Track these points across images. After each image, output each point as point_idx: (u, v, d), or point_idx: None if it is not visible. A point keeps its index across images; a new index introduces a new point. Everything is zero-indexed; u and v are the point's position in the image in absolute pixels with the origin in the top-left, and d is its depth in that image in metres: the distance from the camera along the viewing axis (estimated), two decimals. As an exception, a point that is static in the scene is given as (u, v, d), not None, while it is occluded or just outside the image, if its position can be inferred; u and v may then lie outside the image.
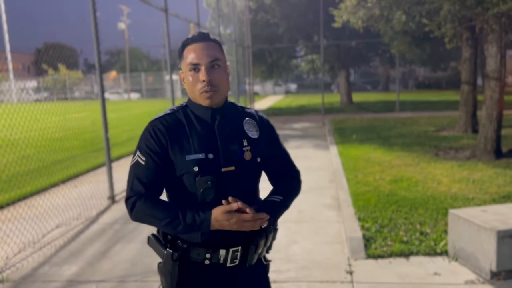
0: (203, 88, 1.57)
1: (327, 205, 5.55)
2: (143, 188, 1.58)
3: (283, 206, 1.70)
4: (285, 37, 20.57)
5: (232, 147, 1.60)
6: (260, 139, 1.68)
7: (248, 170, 1.63)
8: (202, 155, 1.57)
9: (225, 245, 1.60)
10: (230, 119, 1.66)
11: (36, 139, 10.88)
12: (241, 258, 1.63)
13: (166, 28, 8.48)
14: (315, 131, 13.21)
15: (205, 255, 1.60)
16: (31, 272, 3.92)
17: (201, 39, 1.60)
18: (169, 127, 1.61)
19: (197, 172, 1.55)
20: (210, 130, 1.62)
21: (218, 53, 1.60)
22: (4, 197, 6.23)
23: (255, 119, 1.73)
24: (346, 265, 3.79)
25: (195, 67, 1.57)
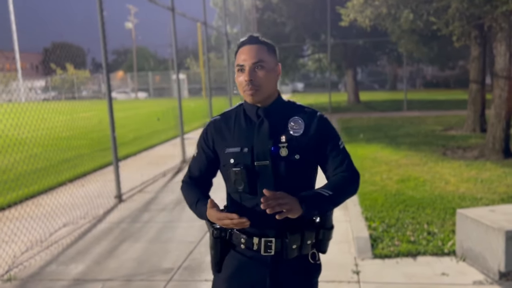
0: (246, 87, 1.69)
1: (334, 205, 5.53)
2: (189, 175, 1.89)
3: (330, 202, 1.67)
4: (292, 36, 20.53)
5: (266, 143, 1.69)
6: (303, 137, 1.71)
7: (284, 166, 1.68)
8: (238, 148, 1.72)
9: (259, 234, 1.70)
10: (275, 117, 1.74)
11: (44, 138, 10.94)
12: (278, 250, 1.69)
13: (173, 27, 8.49)
14: (322, 130, 13.15)
15: (241, 239, 1.73)
16: (38, 271, 3.94)
17: (248, 42, 1.72)
18: (217, 125, 1.82)
19: (232, 164, 1.71)
20: (252, 127, 1.74)
21: (265, 55, 1.70)
22: (12, 196, 6.27)
23: (304, 117, 1.74)
24: (353, 265, 3.78)
25: (241, 68, 1.70)
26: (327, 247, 1.79)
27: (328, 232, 1.75)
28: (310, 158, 1.72)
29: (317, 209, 1.63)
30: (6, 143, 9.46)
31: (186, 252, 4.19)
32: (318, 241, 1.74)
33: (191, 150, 10.47)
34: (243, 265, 1.75)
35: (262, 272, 1.72)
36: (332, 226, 1.77)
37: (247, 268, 1.74)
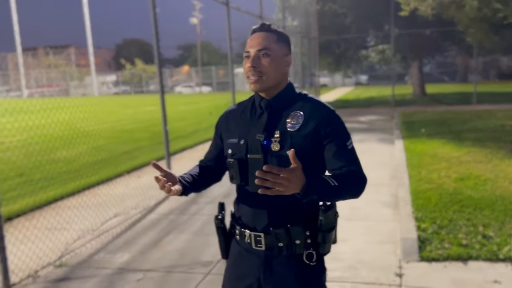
0: (248, 74, 1.67)
1: (384, 203, 5.32)
2: (202, 159, 1.95)
3: (333, 193, 1.53)
4: (353, 27, 19.99)
5: (259, 136, 1.66)
6: (298, 132, 1.63)
7: (276, 162, 1.62)
8: (236, 140, 1.73)
9: (250, 228, 1.71)
10: (276, 109, 1.70)
11: (108, 130, 11.50)
12: (268, 246, 1.68)
13: (228, 21, 8.53)
14: (382, 125, 12.74)
15: (236, 230, 1.77)
16: (87, 258, 4.12)
17: (259, 30, 1.69)
18: (228, 116, 1.85)
19: (230, 154, 1.74)
20: (253, 118, 1.73)
21: (272, 43, 1.66)
22: (72, 186, 6.62)
23: (307, 112, 1.65)
24: (396, 267, 3.60)
25: (247, 55, 1.68)
26: (327, 250, 1.68)
27: (327, 234, 1.64)
28: (305, 155, 1.57)
29: (317, 194, 1.47)
30: (74, 135, 10.04)
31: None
32: (316, 242, 1.65)
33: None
34: (240, 255, 1.77)
35: (256, 266, 1.71)
36: (332, 227, 1.65)
37: (243, 259, 1.76)
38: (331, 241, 1.68)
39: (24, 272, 3.81)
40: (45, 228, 4.81)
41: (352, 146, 1.67)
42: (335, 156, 1.63)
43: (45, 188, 6.49)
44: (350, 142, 1.67)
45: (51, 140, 9.82)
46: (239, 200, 1.77)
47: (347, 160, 1.63)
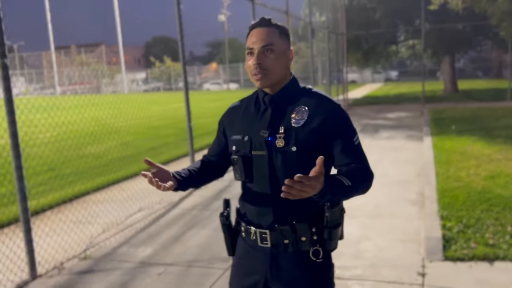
0: (253, 71, 1.64)
1: (409, 201, 5.22)
2: (207, 153, 1.93)
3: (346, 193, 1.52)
4: (383, 22, 19.63)
5: (263, 132, 1.64)
6: (303, 128, 1.60)
7: (280, 158, 1.62)
8: (240, 136, 1.71)
9: (256, 225, 1.69)
10: (280, 104, 1.67)
11: (137, 127, 11.68)
12: (274, 243, 1.66)
13: (253, 18, 8.51)
14: (411, 121, 12.50)
15: (241, 227, 1.76)
16: (111, 252, 4.20)
17: (260, 25, 1.66)
18: (231, 111, 1.83)
19: (234, 151, 1.72)
20: (257, 114, 1.71)
21: (275, 38, 1.64)
22: (100, 181, 6.76)
23: (312, 107, 1.63)
24: (419, 266, 3.52)
25: (250, 51, 1.65)
26: (333, 246, 1.66)
27: (333, 231, 1.62)
28: (310, 151, 1.58)
29: (332, 195, 1.45)
30: (103, 131, 10.26)
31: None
32: (322, 239, 1.63)
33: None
34: (247, 253, 1.75)
35: (263, 263, 1.70)
36: (338, 224, 1.63)
37: (249, 256, 1.74)
38: (338, 237, 1.66)
39: (50, 264, 3.91)
40: (70, 221, 4.93)
41: (358, 142, 1.65)
42: (342, 152, 1.61)
43: (74, 182, 6.66)
44: (357, 138, 1.65)
45: (81, 136, 10.06)
46: (244, 197, 1.75)
47: (354, 157, 1.61)
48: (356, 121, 13.32)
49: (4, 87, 3.56)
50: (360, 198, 5.90)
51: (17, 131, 3.60)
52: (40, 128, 8.97)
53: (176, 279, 3.59)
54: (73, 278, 3.68)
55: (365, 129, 11.33)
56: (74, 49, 53.81)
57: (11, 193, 5.74)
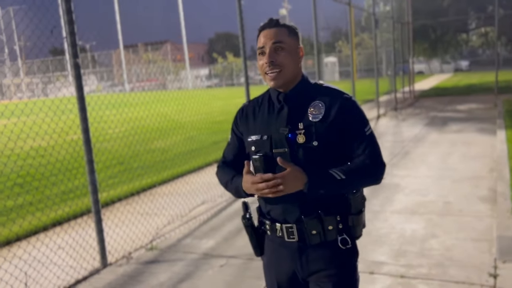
0: (266, 70, 1.67)
1: (481, 198, 4.94)
2: (223, 160, 1.91)
3: (340, 186, 1.62)
4: (451, 10, 18.69)
5: (283, 130, 1.66)
6: (322, 122, 1.65)
7: (302, 154, 1.65)
8: (259, 136, 1.72)
9: (281, 221, 1.71)
10: (296, 101, 1.70)
11: (200, 122, 11.97)
12: (300, 236, 1.69)
13: (313, 10, 8.41)
14: (482, 113, 11.81)
15: (266, 225, 1.76)
16: (175, 243, 4.34)
17: (269, 26, 1.70)
18: (246, 111, 1.83)
19: (254, 151, 1.72)
20: (273, 113, 1.73)
21: (285, 37, 1.68)
22: (165, 174, 7.00)
23: (327, 101, 1.68)
24: (491, 267, 3.33)
25: (262, 51, 1.68)
26: (358, 233, 1.72)
27: (356, 217, 1.69)
28: (331, 144, 1.65)
29: (323, 189, 1.59)
30: (169, 127, 10.61)
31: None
32: (347, 227, 1.69)
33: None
34: (275, 252, 1.77)
35: (292, 259, 1.73)
36: (360, 210, 1.70)
37: (278, 254, 1.76)
38: (362, 223, 1.72)
39: (119, 253, 4.11)
40: (138, 213, 5.15)
41: (370, 132, 1.69)
42: (353, 143, 1.67)
43: (141, 176, 6.95)
44: (369, 128, 1.69)
45: (148, 131, 10.47)
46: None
47: (364, 147, 1.67)
48: (423, 113, 12.80)
49: (76, 85, 3.77)
50: (427, 194, 5.68)
51: (88, 127, 3.81)
52: (109, 124, 9.45)
53: (237, 272, 3.64)
54: (140, 268, 3.84)
55: (432, 122, 10.87)
56: (141, 47, 55.99)
57: (83, 185, 6.10)
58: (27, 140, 4.45)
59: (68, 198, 5.85)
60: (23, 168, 6.59)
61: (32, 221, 4.85)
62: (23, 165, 6.49)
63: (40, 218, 4.92)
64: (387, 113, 13.22)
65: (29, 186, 6.14)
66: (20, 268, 3.73)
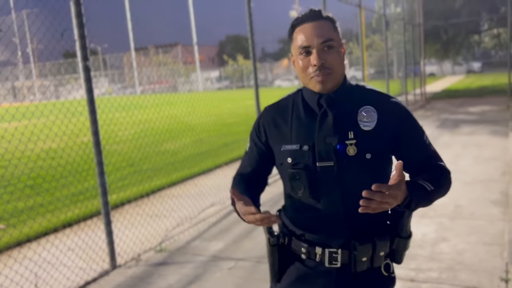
0: (314, 73, 1.43)
1: (493, 201, 4.87)
2: (240, 171, 1.68)
3: (429, 199, 1.42)
4: (464, 11, 18.53)
5: (329, 139, 1.44)
6: (375, 131, 1.44)
7: (353, 168, 1.42)
8: (297, 146, 1.48)
9: (322, 244, 1.48)
10: (341, 106, 1.47)
11: (210, 124, 12.00)
12: (345, 262, 1.48)
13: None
14: (495, 116, 11.68)
15: (301, 248, 1.52)
16: (184, 245, 4.35)
17: (311, 18, 1.44)
18: (272, 116, 1.58)
19: (290, 164, 1.48)
20: (313, 120, 1.48)
21: (332, 32, 1.44)
22: (175, 176, 7.02)
23: (378, 107, 1.47)
24: (503, 272, 3.28)
25: (306, 50, 1.43)
26: (402, 258, 1.54)
27: (404, 241, 1.49)
28: (384, 157, 1.47)
29: (416, 204, 1.36)
30: (180, 129, 10.65)
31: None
32: (392, 250, 1.50)
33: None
34: (304, 276, 1.53)
35: (326, 286, 1.51)
36: (410, 234, 1.51)
37: (309, 279, 1.53)
38: (407, 248, 1.54)
39: (128, 255, 4.13)
40: (147, 215, 5.17)
41: (429, 141, 1.54)
42: (415, 153, 1.50)
43: (151, 178, 6.98)
44: (426, 137, 1.54)
45: (158, 133, 10.51)
46: (302, 214, 1.50)
47: (431, 157, 1.51)
48: (434, 115, 12.69)
49: (86, 88, 3.79)
50: (437, 197, 5.55)
51: (98, 129, 3.83)
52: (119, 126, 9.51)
53: (246, 274, 3.63)
54: (149, 270, 3.85)
55: (444, 124, 10.77)
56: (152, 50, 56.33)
57: (93, 187, 6.13)
58: (37, 142, 4.49)
59: (78, 200, 5.89)
60: (33, 170, 6.66)
61: (42, 222, 4.89)
62: (34, 167, 6.56)
63: (50, 220, 4.96)
64: (397, 115, 13.12)
65: (39, 188, 6.20)
66: (30, 269, 3.76)
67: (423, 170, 1.47)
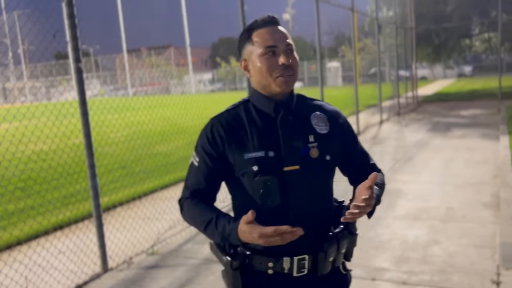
0: (280, 72, 1.43)
1: (484, 204, 4.91)
2: (191, 191, 1.54)
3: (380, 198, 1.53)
4: (455, 15, 18.69)
5: (295, 143, 1.46)
6: (330, 134, 1.52)
7: (316, 170, 1.47)
8: (262, 153, 1.44)
9: (290, 253, 1.45)
10: (295, 112, 1.51)
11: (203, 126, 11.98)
12: (311, 268, 1.47)
13: (317, 15, 8.41)
14: (486, 119, 11.77)
15: (268, 263, 1.46)
16: (176, 248, 4.33)
17: (272, 23, 1.48)
18: (227, 125, 1.50)
19: (256, 171, 1.43)
20: (272, 125, 1.48)
21: (290, 37, 1.50)
22: (168, 178, 7.00)
23: (325, 113, 1.56)
24: (494, 274, 3.30)
25: (272, 50, 1.44)
26: (352, 255, 1.60)
27: (355, 238, 1.57)
28: (337, 158, 1.54)
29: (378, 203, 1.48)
30: (172, 131, 10.61)
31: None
32: (349, 249, 1.57)
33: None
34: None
35: None
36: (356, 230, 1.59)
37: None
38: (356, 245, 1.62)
39: (120, 258, 4.10)
40: (139, 218, 5.14)
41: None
42: (356, 155, 1.63)
43: (143, 180, 6.94)
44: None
45: (151, 135, 10.47)
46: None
47: (369, 158, 1.66)
48: (426, 118, 12.77)
49: (78, 90, 3.77)
50: (430, 200, 5.65)
51: (90, 131, 3.80)
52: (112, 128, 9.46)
53: (239, 278, 3.62)
54: (141, 273, 3.82)
55: (435, 128, 10.84)
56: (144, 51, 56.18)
57: (84, 189, 6.09)
58: (28, 144, 4.46)
59: (69, 202, 5.85)
60: (24, 172, 6.60)
61: (33, 225, 4.85)
62: (25, 169, 6.50)
63: (41, 223, 4.91)
64: (390, 118, 13.19)
65: (30, 190, 6.14)
66: (21, 272, 3.72)
67: (363, 171, 1.56)
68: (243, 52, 1.52)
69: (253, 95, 1.55)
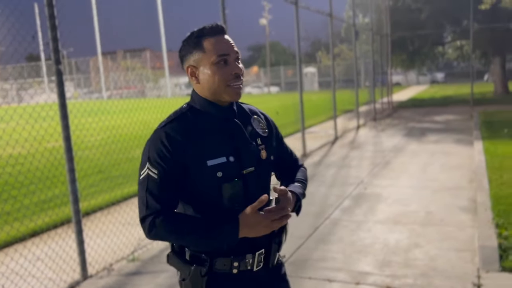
0: (232, 81, 1.47)
1: (462, 208, 5.01)
2: (159, 205, 1.44)
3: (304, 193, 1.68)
4: (429, 23, 19.10)
5: (251, 147, 1.55)
6: (270, 136, 1.66)
7: (265, 169, 1.60)
8: (223, 158, 1.47)
9: (251, 249, 1.52)
10: (241, 118, 1.60)
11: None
12: (265, 260, 1.57)
13: (296, 21, 8.48)
14: (459, 125, 12.06)
15: (233, 263, 1.49)
16: (158, 254, 4.26)
17: (222, 32, 1.51)
18: (181, 132, 1.47)
19: (221, 178, 1.45)
20: (226, 131, 1.52)
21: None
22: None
23: (259, 116, 1.68)
24: (474, 277, 3.37)
25: (224, 59, 1.47)
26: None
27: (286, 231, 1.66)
28: (277, 158, 1.69)
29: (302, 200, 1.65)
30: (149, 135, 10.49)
31: (293, 247, 4.15)
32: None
33: (312, 144, 10.23)
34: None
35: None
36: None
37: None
38: None
39: (100, 265, 4.01)
40: (119, 223, 5.04)
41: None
42: (287, 154, 1.78)
43: (122, 184, 6.83)
44: None
45: (126, 140, 10.32)
46: None
47: (294, 155, 1.81)
48: (402, 124, 13.00)
49: (58, 92, 3.68)
50: (409, 204, 5.71)
51: (70, 135, 3.72)
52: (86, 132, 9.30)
53: (223, 283, 3.59)
54: (122, 280, 3.75)
55: (411, 133, 11.04)
56: (120, 54, 55.49)
57: (63, 194, 5.95)
58: (6, 148, 4.33)
59: (48, 207, 5.70)
60: (1, 177, 6.41)
61: (10, 231, 4.70)
62: (1, 174, 6.31)
63: (18, 229, 4.76)
64: (366, 124, 13.37)
65: (7, 195, 5.96)
66: (-3, 280, 3.60)
67: (289, 168, 1.76)
68: (189, 58, 1.52)
69: (197, 102, 1.55)
